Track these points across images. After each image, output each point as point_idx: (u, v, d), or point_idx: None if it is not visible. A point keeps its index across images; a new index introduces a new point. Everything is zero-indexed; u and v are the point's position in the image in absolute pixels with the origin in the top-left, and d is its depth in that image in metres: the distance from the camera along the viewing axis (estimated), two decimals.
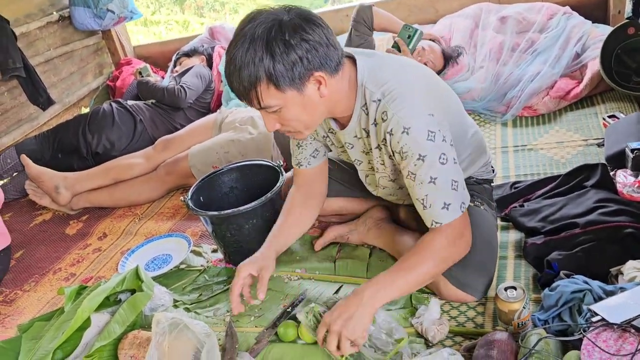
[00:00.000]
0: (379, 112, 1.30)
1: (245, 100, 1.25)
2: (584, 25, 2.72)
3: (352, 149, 1.48)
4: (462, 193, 1.32)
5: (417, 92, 1.30)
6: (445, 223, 1.30)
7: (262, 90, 1.20)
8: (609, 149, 1.93)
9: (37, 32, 3.39)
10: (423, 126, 1.26)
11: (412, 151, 1.26)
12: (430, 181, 1.28)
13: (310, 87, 1.23)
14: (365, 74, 1.32)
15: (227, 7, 8.52)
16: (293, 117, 1.27)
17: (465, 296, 1.46)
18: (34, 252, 2.29)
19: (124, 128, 2.77)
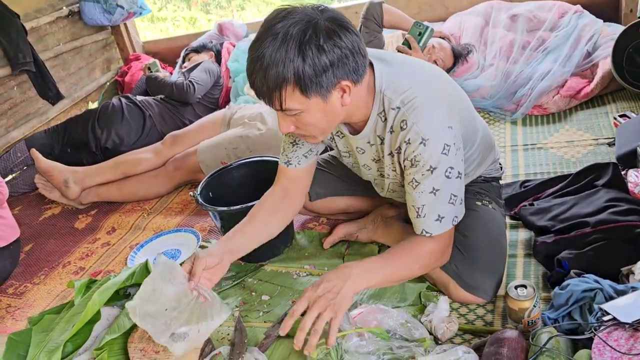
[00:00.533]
0: (398, 120, 1.29)
1: (266, 100, 1.20)
2: (595, 23, 2.70)
3: (363, 154, 1.47)
4: (458, 207, 1.33)
5: (437, 102, 1.29)
6: (435, 234, 1.32)
7: (287, 93, 1.16)
8: (620, 149, 1.92)
9: (47, 27, 3.40)
10: (441, 139, 1.25)
11: (424, 161, 1.26)
12: (432, 192, 1.29)
13: (334, 95, 1.20)
14: (383, 81, 1.30)
15: (234, 4, 8.51)
16: (312, 122, 1.24)
17: (474, 299, 1.46)
18: (43, 246, 2.30)
19: (133, 123, 2.78)
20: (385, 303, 1.50)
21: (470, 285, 1.44)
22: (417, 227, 1.34)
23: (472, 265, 1.44)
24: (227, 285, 1.75)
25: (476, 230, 1.49)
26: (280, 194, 1.55)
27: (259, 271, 1.80)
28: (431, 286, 1.55)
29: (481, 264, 1.44)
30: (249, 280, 1.76)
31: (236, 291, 1.72)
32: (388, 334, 1.30)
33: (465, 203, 1.47)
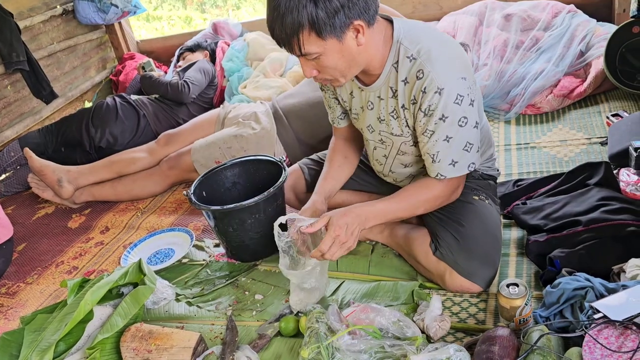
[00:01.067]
0: (414, 70, 1.33)
1: (286, 47, 1.27)
2: (588, 23, 2.71)
3: (372, 111, 1.50)
4: (473, 155, 1.40)
5: (452, 55, 1.35)
6: (449, 177, 1.40)
7: (304, 38, 1.23)
8: (612, 148, 1.93)
9: (41, 26, 3.39)
10: (455, 89, 1.31)
11: (438, 111, 1.32)
12: (445, 139, 1.36)
13: (349, 36, 1.26)
14: (402, 32, 1.36)
15: (229, 3, 8.50)
16: (331, 64, 1.30)
17: (470, 285, 1.47)
18: (36, 245, 2.29)
19: (127, 122, 2.77)
20: (378, 302, 1.50)
21: (466, 272, 1.46)
22: (432, 170, 1.42)
23: (468, 253, 1.47)
24: (221, 284, 1.75)
25: (473, 222, 1.51)
26: (342, 139, 1.73)
27: (253, 270, 1.80)
28: (424, 284, 1.56)
29: (477, 253, 1.47)
30: (243, 279, 1.76)
31: (229, 290, 1.72)
32: (380, 332, 1.31)
33: (463, 196, 1.54)
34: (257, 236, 1.78)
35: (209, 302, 1.68)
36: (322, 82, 1.41)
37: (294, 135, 2.35)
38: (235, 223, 1.74)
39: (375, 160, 1.66)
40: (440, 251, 1.50)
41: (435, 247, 1.51)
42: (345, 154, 1.71)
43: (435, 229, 1.54)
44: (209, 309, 1.65)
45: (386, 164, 1.62)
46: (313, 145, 2.32)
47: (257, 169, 1.96)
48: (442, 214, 1.55)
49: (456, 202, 1.54)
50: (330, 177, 1.67)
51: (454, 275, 1.47)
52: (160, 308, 1.68)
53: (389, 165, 1.62)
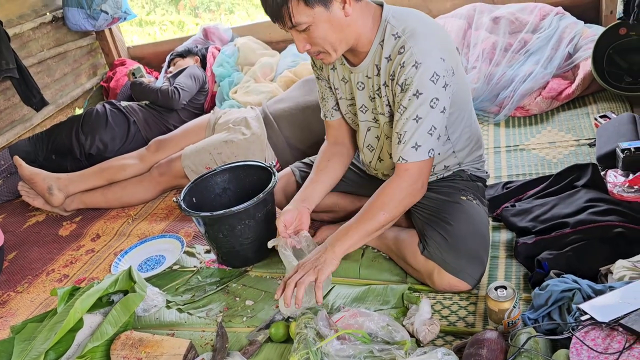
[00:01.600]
0: (397, 47, 1.38)
1: (279, 20, 1.33)
2: (576, 25, 2.73)
3: (362, 91, 1.53)
4: (435, 141, 1.41)
5: (436, 36, 1.39)
6: (410, 161, 1.40)
7: (293, 7, 1.28)
8: (600, 149, 1.95)
9: (30, 33, 3.38)
10: (432, 66, 1.34)
11: (413, 85, 1.35)
12: (415, 119, 1.38)
13: (336, 5, 1.32)
14: (390, 12, 1.41)
15: (223, 7, 8.51)
16: (321, 34, 1.34)
17: (458, 283, 1.48)
18: (27, 254, 2.28)
19: (117, 129, 2.77)
20: (367, 306, 1.51)
21: (455, 269, 1.47)
22: (396, 154, 1.43)
23: (456, 251, 1.47)
24: (211, 291, 1.75)
25: (460, 221, 1.52)
26: (331, 141, 1.74)
27: (244, 277, 1.80)
28: (413, 287, 1.56)
29: (465, 251, 1.48)
30: (233, 285, 1.76)
31: (220, 296, 1.72)
32: (370, 337, 1.31)
33: (450, 197, 1.56)
34: (248, 242, 1.78)
35: (200, 309, 1.68)
36: (315, 56, 1.44)
37: (284, 140, 2.35)
38: (225, 229, 1.74)
39: (366, 147, 1.66)
40: (428, 250, 1.51)
41: (424, 247, 1.52)
42: (329, 157, 1.71)
43: (423, 229, 1.55)
44: (199, 315, 1.65)
45: (377, 149, 1.63)
46: (304, 150, 2.32)
47: (247, 175, 1.96)
48: (430, 214, 1.56)
49: (443, 201, 1.56)
50: (309, 182, 1.68)
51: (442, 273, 1.48)
52: (151, 315, 1.68)
53: (379, 150, 1.63)
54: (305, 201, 1.61)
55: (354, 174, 1.84)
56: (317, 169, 1.70)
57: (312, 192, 1.65)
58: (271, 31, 3.58)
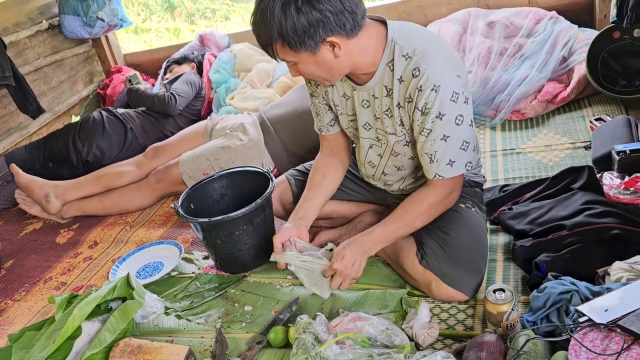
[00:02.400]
0: (410, 69, 1.36)
1: (267, 52, 1.34)
2: (570, 29, 2.75)
3: (367, 109, 1.51)
4: (470, 154, 1.42)
5: (446, 54, 1.38)
6: (447, 177, 1.42)
7: (277, 48, 1.30)
8: (596, 152, 1.96)
9: (27, 41, 3.38)
10: (450, 86, 1.34)
11: (434, 108, 1.34)
12: (443, 138, 1.37)
13: (324, 50, 1.31)
14: (396, 32, 1.39)
15: (219, 14, 8.53)
16: (309, 72, 1.37)
17: (456, 294, 1.48)
18: (24, 262, 2.27)
19: (114, 136, 2.77)
20: (366, 310, 1.51)
21: (452, 280, 1.47)
22: (430, 171, 1.44)
23: (454, 261, 1.47)
24: (210, 297, 1.75)
25: (459, 230, 1.52)
26: (326, 153, 1.73)
27: (242, 282, 1.80)
28: (412, 292, 1.57)
29: (463, 262, 1.48)
30: (232, 291, 1.76)
31: (219, 302, 1.72)
32: (369, 341, 1.31)
33: None
34: (246, 247, 1.78)
35: (199, 315, 1.68)
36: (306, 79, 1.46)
37: (281, 146, 2.35)
38: (224, 235, 1.74)
39: (367, 162, 1.65)
40: (427, 260, 1.50)
41: (422, 256, 1.52)
42: (324, 171, 1.71)
43: (422, 238, 1.55)
44: (198, 322, 1.65)
45: (379, 165, 1.63)
46: (301, 156, 2.33)
47: (244, 180, 1.96)
48: (429, 223, 1.56)
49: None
50: (304, 200, 1.69)
51: (440, 284, 1.48)
52: (150, 322, 1.68)
53: (382, 166, 1.62)
54: (302, 219, 1.63)
55: (350, 182, 1.84)
56: (312, 186, 1.70)
57: (309, 209, 1.66)
58: None
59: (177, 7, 9.74)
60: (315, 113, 1.68)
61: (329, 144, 1.73)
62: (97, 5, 3.43)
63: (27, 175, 2.44)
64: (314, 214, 1.66)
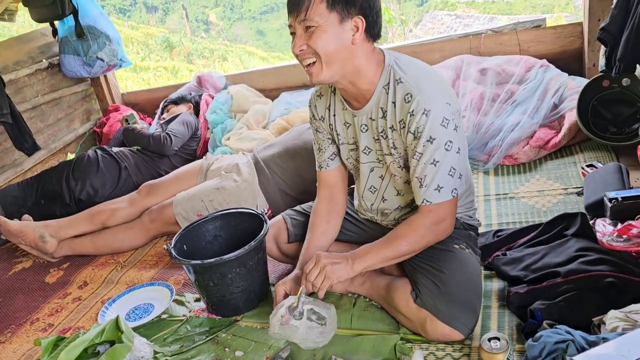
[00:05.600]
0: (403, 93, 1.43)
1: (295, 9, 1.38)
2: (560, 77, 2.82)
3: (366, 133, 1.57)
4: (456, 181, 1.47)
5: (438, 82, 1.46)
6: (434, 203, 1.45)
7: (315, 3, 1.36)
8: (588, 198, 1.97)
9: (26, 79, 3.42)
10: (440, 112, 1.40)
11: (425, 132, 1.41)
12: (432, 162, 1.43)
13: (348, 26, 1.39)
14: (393, 58, 1.49)
15: (216, 54, 8.68)
16: (323, 43, 1.39)
17: (451, 332, 1.46)
18: (11, 302, 2.23)
19: (108, 175, 2.77)
20: (359, 358, 1.48)
21: (447, 318, 1.45)
22: (419, 197, 1.48)
23: (449, 299, 1.46)
24: (201, 341, 1.72)
25: (453, 269, 1.52)
26: (326, 198, 1.77)
27: (234, 326, 1.77)
28: (406, 337, 1.54)
29: (458, 299, 1.47)
30: (223, 335, 1.73)
31: (209, 347, 1.69)
32: None
33: (443, 244, 1.57)
34: (238, 291, 1.76)
35: None
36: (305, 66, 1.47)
37: (276, 186, 2.36)
38: (216, 277, 1.72)
39: (368, 189, 1.68)
40: (421, 298, 1.49)
41: (416, 295, 1.51)
42: (328, 217, 1.75)
43: (416, 277, 1.54)
44: None
45: (380, 189, 1.66)
46: (295, 197, 2.33)
47: (238, 222, 1.96)
48: (423, 262, 1.56)
49: (437, 249, 1.56)
50: (313, 247, 1.72)
51: (435, 322, 1.46)
52: None
53: (382, 190, 1.65)
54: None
55: (346, 222, 1.85)
56: (318, 232, 1.74)
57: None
58: (264, 79, 3.66)
59: (176, 47, 9.90)
60: (317, 149, 1.74)
61: (328, 187, 1.77)
62: (98, 45, 3.50)
63: (16, 222, 2.42)
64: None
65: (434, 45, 3.31)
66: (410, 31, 11.73)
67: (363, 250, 1.54)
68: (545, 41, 3.08)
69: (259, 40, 22.56)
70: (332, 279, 1.50)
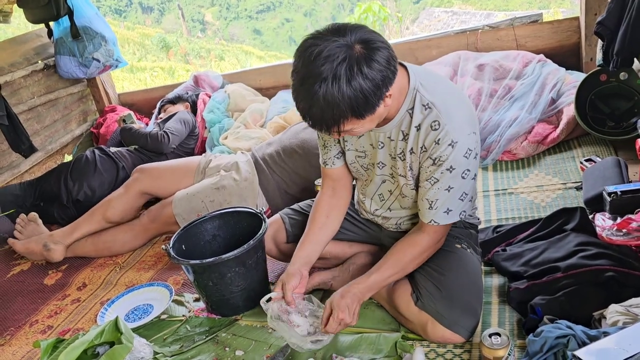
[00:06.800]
0: (429, 120, 1.37)
1: (323, 131, 1.28)
2: (558, 72, 2.82)
3: (382, 149, 1.52)
4: (466, 204, 1.47)
5: (466, 110, 1.41)
6: (441, 224, 1.46)
7: (345, 124, 1.26)
8: (587, 193, 1.97)
9: (22, 81, 3.41)
10: (466, 144, 1.37)
11: (447, 162, 1.37)
12: (447, 189, 1.41)
13: (382, 107, 1.28)
14: (418, 80, 1.40)
15: (213, 54, 8.66)
16: (363, 131, 1.35)
17: (452, 335, 1.45)
18: (10, 304, 2.22)
19: (106, 175, 2.76)
20: (360, 355, 1.48)
21: (449, 322, 1.45)
22: (426, 216, 1.47)
23: (450, 302, 1.46)
24: (201, 341, 1.71)
25: (454, 271, 1.51)
26: (329, 193, 1.71)
27: (234, 326, 1.76)
28: (406, 335, 1.54)
29: (459, 302, 1.46)
30: (223, 335, 1.72)
31: (209, 347, 1.68)
32: None
33: (445, 245, 1.56)
34: (238, 290, 1.75)
35: None
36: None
37: (275, 185, 2.35)
38: (215, 277, 1.72)
39: (378, 194, 1.65)
40: (422, 301, 1.49)
41: (417, 297, 1.51)
42: (328, 211, 1.69)
43: (417, 279, 1.54)
44: None
45: (387, 201, 1.64)
46: (294, 195, 2.33)
47: (237, 221, 1.95)
48: (424, 264, 1.55)
49: (438, 250, 1.56)
50: (308, 242, 1.66)
51: (436, 325, 1.46)
52: None
53: (390, 202, 1.64)
54: (307, 263, 1.62)
55: (346, 221, 1.82)
56: (316, 226, 1.68)
57: (313, 253, 1.65)
58: (261, 78, 3.65)
59: (172, 48, 9.87)
60: (322, 146, 1.66)
61: (332, 181, 1.70)
62: (93, 46, 3.48)
63: (21, 242, 2.44)
64: (317, 256, 1.67)
65: (431, 41, 3.30)
66: (406, 28, 11.73)
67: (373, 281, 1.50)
68: (542, 36, 3.07)
69: (255, 39, 22.54)
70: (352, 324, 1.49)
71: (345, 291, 1.49)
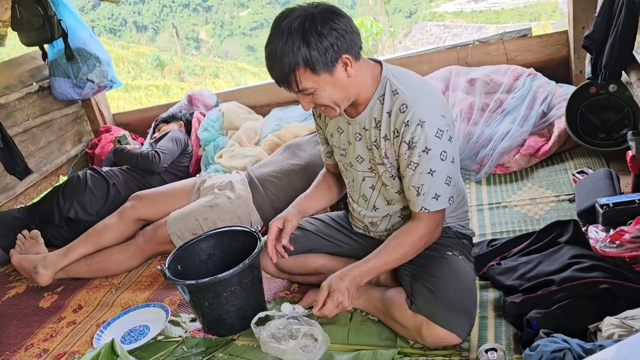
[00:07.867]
0: (398, 104, 1.46)
1: (285, 85, 1.42)
2: (548, 85, 2.85)
3: (359, 142, 1.60)
4: (452, 189, 1.51)
5: (434, 95, 1.50)
6: (432, 210, 1.49)
7: (300, 75, 1.38)
8: (580, 205, 1.98)
9: (16, 103, 3.42)
10: (435, 123, 1.43)
11: (420, 143, 1.43)
12: (429, 172, 1.46)
13: (339, 70, 1.40)
14: (389, 71, 1.51)
15: (207, 71, 8.70)
16: (326, 96, 1.44)
17: (448, 335, 1.46)
18: (5, 328, 2.21)
19: (96, 192, 2.77)
20: None
21: (443, 320, 1.46)
22: (416, 205, 1.51)
23: (444, 302, 1.47)
24: None
25: (447, 274, 1.54)
26: (331, 173, 1.88)
27: (230, 345, 1.76)
28: (403, 351, 1.54)
29: (453, 303, 1.48)
30: (220, 355, 1.72)
31: None
32: None
33: (436, 252, 1.59)
34: (234, 309, 1.75)
35: None
36: (319, 110, 1.52)
37: (270, 204, 2.36)
38: (211, 297, 1.71)
39: (361, 196, 1.70)
40: (416, 304, 1.50)
41: (411, 302, 1.52)
42: (330, 184, 1.86)
43: (411, 284, 1.56)
44: None
45: (371, 199, 1.67)
46: None
47: (232, 240, 1.95)
48: (417, 269, 1.58)
49: (430, 257, 1.58)
50: (310, 197, 1.82)
51: (432, 326, 1.46)
52: None
53: (373, 200, 1.67)
54: (299, 213, 1.75)
55: (340, 234, 1.87)
56: (318, 188, 1.85)
57: (309, 208, 1.80)
58: (255, 96, 3.67)
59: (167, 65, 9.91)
60: (322, 142, 1.83)
61: (331, 169, 1.87)
62: (88, 67, 3.50)
63: (16, 256, 2.43)
64: (311, 212, 1.83)
65: (422, 57, 3.34)
66: (399, 42, 11.82)
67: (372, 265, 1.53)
68: (532, 50, 3.12)
69: (249, 55, 22.68)
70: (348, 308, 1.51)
71: (343, 274, 1.51)
